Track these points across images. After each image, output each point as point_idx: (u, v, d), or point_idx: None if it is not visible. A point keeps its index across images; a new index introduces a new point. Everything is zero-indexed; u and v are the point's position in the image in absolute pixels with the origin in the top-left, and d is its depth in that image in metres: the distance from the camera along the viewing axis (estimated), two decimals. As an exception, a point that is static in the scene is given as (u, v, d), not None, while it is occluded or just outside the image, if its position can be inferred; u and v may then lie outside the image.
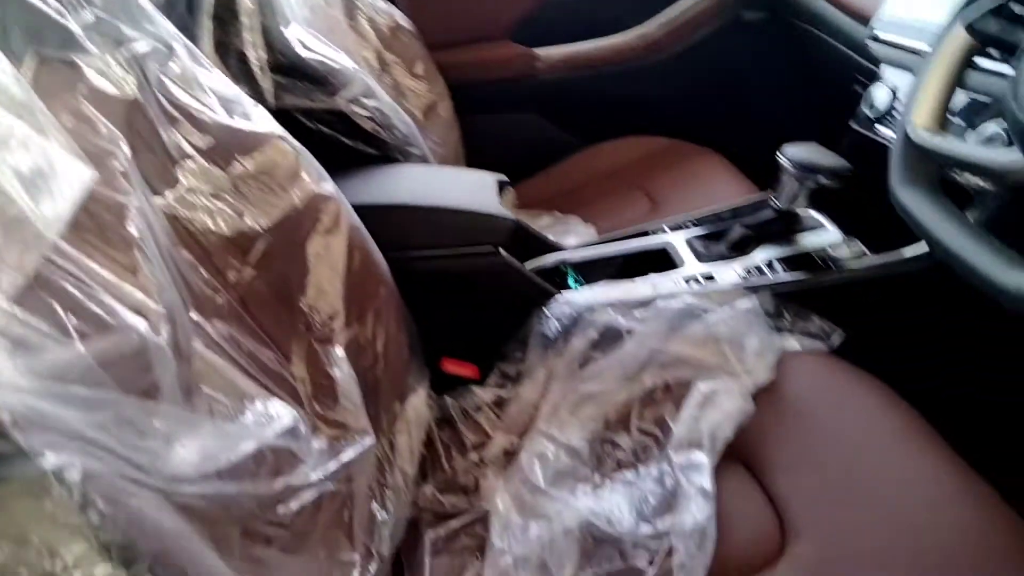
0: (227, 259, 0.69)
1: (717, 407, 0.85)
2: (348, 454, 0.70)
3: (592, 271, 1.10)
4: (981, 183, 0.80)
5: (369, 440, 0.73)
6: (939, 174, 0.76)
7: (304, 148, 0.80)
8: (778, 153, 1.02)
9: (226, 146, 0.71)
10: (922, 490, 0.73)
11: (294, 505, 0.62)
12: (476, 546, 0.80)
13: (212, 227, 0.68)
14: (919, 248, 0.97)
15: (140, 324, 0.51)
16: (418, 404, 0.91)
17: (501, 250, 0.97)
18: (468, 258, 0.96)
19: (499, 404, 0.94)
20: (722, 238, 1.10)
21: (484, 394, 0.95)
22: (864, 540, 0.70)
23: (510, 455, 0.89)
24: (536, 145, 1.65)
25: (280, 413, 0.64)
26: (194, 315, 0.62)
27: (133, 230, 0.55)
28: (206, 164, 0.69)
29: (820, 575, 0.68)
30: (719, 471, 0.79)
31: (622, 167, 1.54)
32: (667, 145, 1.56)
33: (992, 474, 0.74)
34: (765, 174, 1.11)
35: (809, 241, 1.06)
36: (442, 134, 1.45)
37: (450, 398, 0.95)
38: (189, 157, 0.68)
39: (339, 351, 0.77)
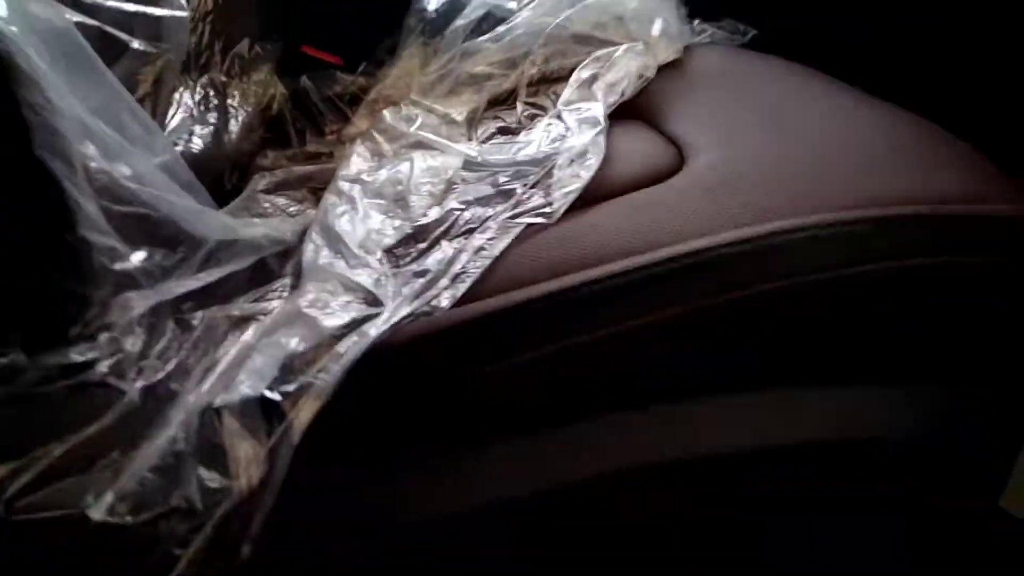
0: None
1: (616, 67, 0.73)
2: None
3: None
4: None
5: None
6: None
7: None
8: None
9: None
10: (839, 116, 0.63)
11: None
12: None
13: None
14: None
15: None
16: (263, 73, 0.76)
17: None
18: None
19: (366, 92, 0.80)
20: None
21: (350, 79, 0.81)
22: (770, 149, 0.59)
23: (373, 130, 0.75)
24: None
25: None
26: None
27: None
28: None
29: (717, 181, 0.56)
30: (615, 124, 0.67)
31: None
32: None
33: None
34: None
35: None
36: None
37: (309, 81, 0.80)
38: None
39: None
